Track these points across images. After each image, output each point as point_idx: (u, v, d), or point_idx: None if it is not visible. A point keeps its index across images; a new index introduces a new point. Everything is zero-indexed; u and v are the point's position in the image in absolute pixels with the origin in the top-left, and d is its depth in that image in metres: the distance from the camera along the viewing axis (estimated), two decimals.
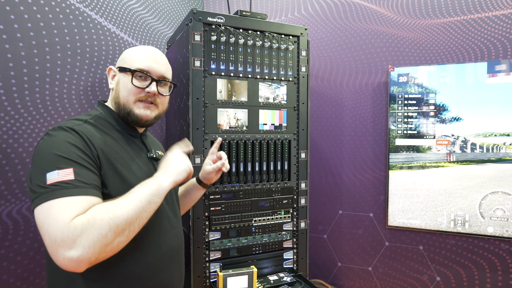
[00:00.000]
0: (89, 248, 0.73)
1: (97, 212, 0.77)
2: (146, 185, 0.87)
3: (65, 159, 0.82)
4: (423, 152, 1.99)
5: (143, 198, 0.84)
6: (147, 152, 1.07)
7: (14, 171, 1.40)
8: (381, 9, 2.18)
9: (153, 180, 0.89)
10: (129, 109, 1.00)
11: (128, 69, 0.99)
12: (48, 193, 0.77)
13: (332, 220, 2.31)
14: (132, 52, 1.03)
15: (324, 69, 2.33)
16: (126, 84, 1.00)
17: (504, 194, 1.83)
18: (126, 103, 1.00)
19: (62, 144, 0.84)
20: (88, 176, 0.83)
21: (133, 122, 1.02)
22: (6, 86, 1.38)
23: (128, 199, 0.83)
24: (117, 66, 1.03)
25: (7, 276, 1.38)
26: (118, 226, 0.77)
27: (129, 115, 1.00)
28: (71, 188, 0.78)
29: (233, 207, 1.62)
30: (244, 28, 1.63)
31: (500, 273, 1.90)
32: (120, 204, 0.81)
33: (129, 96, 0.99)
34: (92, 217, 0.75)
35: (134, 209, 0.81)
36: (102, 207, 0.79)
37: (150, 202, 0.85)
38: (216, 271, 1.56)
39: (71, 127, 0.89)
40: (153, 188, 0.87)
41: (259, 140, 1.67)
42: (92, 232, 0.74)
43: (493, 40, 1.91)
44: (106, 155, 0.90)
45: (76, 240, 0.72)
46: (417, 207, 2.00)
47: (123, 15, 1.93)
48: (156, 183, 0.89)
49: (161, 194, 0.89)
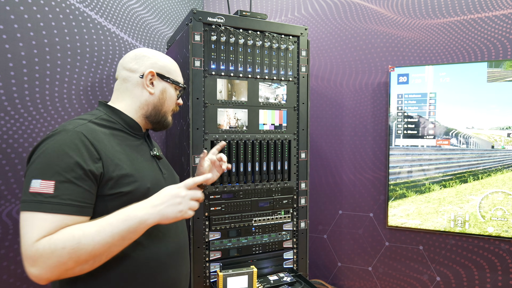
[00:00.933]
0: (47, 270, 0.76)
1: (61, 239, 0.76)
2: (126, 220, 0.81)
3: (51, 169, 0.80)
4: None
5: (116, 234, 0.79)
6: (150, 150, 1.08)
7: (14, 171, 1.40)
8: (381, 9, 2.18)
9: (135, 215, 0.82)
10: (166, 117, 1.10)
11: (177, 83, 1.10)
12: (26, 203, 0.79)
13: (332, 220, 2.31)
14: (173, 65, 1.11)
15: (324, 69, 2.33)
16: (172, 96, 1.10)
17: (504, 194, 1.83)
18: (167, 112, 1.10)
19: (56, 151, 0.82)
20: (70, 191, 0.81)
21: (161, 128, 1.11)
22: (6, 86, 1.38)
23: (99, 230, 0.79)
24: (159, 73, 1.06)
25: (7, 276, 1.38)
26: (80, 257, 0.77)
27: (164, 121, 1.10)
28: (45, 204, 0.78)
29: (233, 207, 1.62)
30: (244, 28, 1.63)
31: (500, 273, 1.90)
32: (88, 234, 0.78)
33: (171, 106, 1.11)
34: (54, 243, 0.76)
35: (103, 244, 0.78)
36: (68, 233, 0.77)
37: (124, 238, 0.81)
38: (216, 271, 1.56)
39: (75, 130, 0.87)
40: (131, 225, 0.81)
41: (259, 140, 1.67)
42: (51, 258, 0.76)
43: (493, 40, 1.91)
44: (109, 156, 0.90)
45: (36, 262, 0.76)
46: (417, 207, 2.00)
47: (123, 15, 1.93)
48: (138, 220, 0.82)
49: (139, 231, 0.83)
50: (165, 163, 1.16)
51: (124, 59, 1.06)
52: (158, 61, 1.06)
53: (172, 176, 1.15)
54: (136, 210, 0.83)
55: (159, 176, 1.03)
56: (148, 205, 0.84)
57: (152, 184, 0.97)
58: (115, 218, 0.81)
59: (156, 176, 1.02)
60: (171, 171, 1.17)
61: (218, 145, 1.24)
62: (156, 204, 0.85)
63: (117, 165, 0.90)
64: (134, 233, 0.82)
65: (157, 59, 1.07)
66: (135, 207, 0.84)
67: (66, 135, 0.86)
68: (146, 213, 0.83)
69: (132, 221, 0.81)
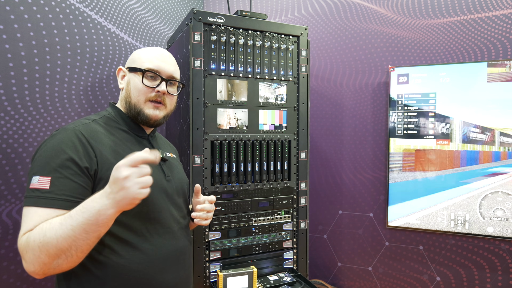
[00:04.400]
0: (30, 264, 0.79)
1: (33, 233, 0.79)
2: (83, 212, 0.77)
3: (48, 166, 0.84)
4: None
5: (76, 228, 0.76)
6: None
7: (14, 171, 1.40)
8: (381, 9, 2.18)
9: (92, 206, 0.77)
10: (139, 109, 1.01)
11: (138, 69, 1.01)
12: (27, 198, 0.83)
13: (332, 220, 2.31)
14: (141, 53, 1.05)
15: (324, 69, 2.33)
16: (136, 84, 1.01)
17: (504, 194, 1.83)
18: (137, 103, 1.01)
19: (54, 149, 0.86)
20: (65, 187, 0.83)
21: (143, 122, 1.03)
22: (6, 86, 1.38)
23: (61, 222, 0.77)
24: (126, 67, 1.05)
25: (7, 276, 1.38)
26: (49, 251, 0.77)
27: (139, 114, 1.01)
28: (41, 199, 0.81)
29: (233, 207, 1.62)
30: (244, 28, 1.63)
31: (500, 273, 1.90)
32: (52, 227, 0.77)
33: (140, 96, 1.01)
34: (29, 236, 0.79)
35: (65, 237, 0.76)
36: (40, 227, 0.79)
37: (87, 231, 0.77)
38: (216, 271, 1.56)
39: (74, 129, 0.91)
40: (89, 217, 0.76)
41: (259, 140, 1.67)
42: (28, 252, 0.78)
43: (493, 40, 1.91)
44: (105, 155, 0.90)
45: (22, 255, 0.80)
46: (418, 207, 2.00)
47: (123, 15, 1.93)
48: (95, 211, 0.76)
49: (102, 223, 0.77)
50: (173, 166, 1.12)
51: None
52: (131, 55, 1.07)
53: (179, 179, 1.12)
54: (93, 201, 0.78)
55: (159, 178, 1.01)
56: (103, 195, 0.78)
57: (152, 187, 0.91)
58: (75, 210, 0.78)
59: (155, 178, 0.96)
60: (179, 173, 1.14)
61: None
62: (108, 192, 0.77)
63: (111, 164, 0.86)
64: (96, 225, 0.77)
65: (132, 54, 1.08)
66: (92, 198, 0.79)
67: (65, 133, 0.89)
68: (102, 204, 0.77)
69: (89, 212, 0.76)
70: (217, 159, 1.59)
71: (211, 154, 1.58)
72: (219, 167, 1.60)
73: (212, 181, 1.59)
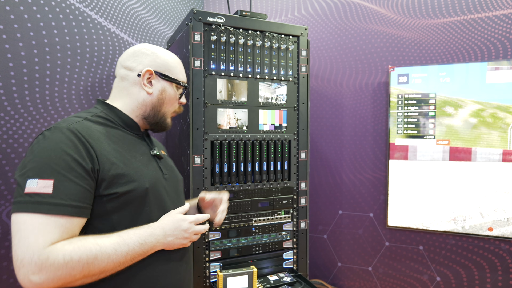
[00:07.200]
0: (52, 280, 0.73)
1: (77, 252, 0.75)
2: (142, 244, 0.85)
3: (49, 168, 0.77)
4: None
5: (129, 255, 0.83)
6: (150, 149, 1.03)
7: (14, 171, 1.40)
8: (381, 9, 2.18)
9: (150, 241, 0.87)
10: (165, 119, 1.04)
11: (176, 81, 1.03)
12: (22, 204, 0.75)
13: (332, 220, 2.31)
14: (173, 62, 1.04)
15: (324, 69, 2.33)
16: (172, 97, 1.03)
17: (504, 194, 1.83)
18: (166, 113, 1.04)
19: (53, 149, 0.79)
20: (71, 191, 0.77)
21: (159, 130, 1.06)
22: (6, 86, 1.38)
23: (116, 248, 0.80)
24: (158, 71, 1.00)
25: (7, 276, 1.38)
26: (90, 272, 0.77)
27: (162, 123, 1.04)
28: (43, 205, 0.74)
29: (233, 207, 1.62)
30: (244, 28, 1.63)
31: (500, 273, 1.90)
32: (105, 251, 0.78)
33: (171, 107, 1.04)
34: (69, 255, 0.74)
35: (116, 262, 0.80)
36: (85, 247, 0.76)
37: (134, 259, 0.85)
38: (216, 271, 1.56)
39: (68, 127, 0.83)
40: (145, 250, 0.86)
41: (259, 140, 1.67)
42: (61, 269, 0.73)
43: (493, 40, 1.91)
44: (105, 154, 0.86)
45: (42, 270, 0.72)
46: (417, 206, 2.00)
47: (123, 15, 1.93)
48: (151, 247, 0.87)
49: (146, 254, 0.88)
50: (167, 163, 1.11)
51: (123, 56, 1.01)
52: (157, 58, 1.00)
53: (175, 176, 1.11)
54: (152, 236, 0.87)
55: (158, 176, 0.99)
56: (161, 235, 0.89)
57: (151, 184, 0.93)
58: (132, 240, 0.83)
59: (156, 176, 0.97)
60: (174, 171, 1.13)
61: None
62: (168, 235, 0.90)
63: (113, 164, 0.86)
64: (143, 255, 0.87)
65: (156, 55, 1.00)
66: (151, 233, 0.87)
67: (60, 132, 0.82)
68: (158, 242, 0.89)
69: (147, 246, 0.86)
70: (217, 159, 1.59)
71: (211, 154, 1.58)
72: (219, 167, 1.60)
73: (212, 181, 1.59)
